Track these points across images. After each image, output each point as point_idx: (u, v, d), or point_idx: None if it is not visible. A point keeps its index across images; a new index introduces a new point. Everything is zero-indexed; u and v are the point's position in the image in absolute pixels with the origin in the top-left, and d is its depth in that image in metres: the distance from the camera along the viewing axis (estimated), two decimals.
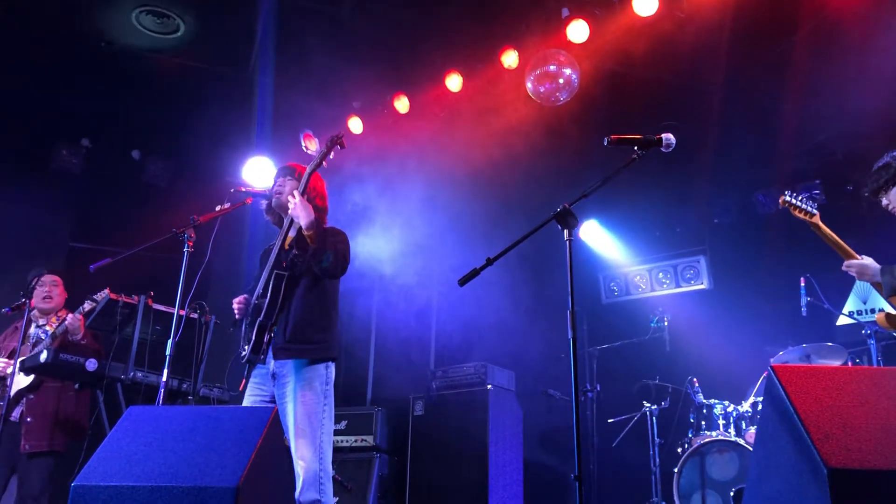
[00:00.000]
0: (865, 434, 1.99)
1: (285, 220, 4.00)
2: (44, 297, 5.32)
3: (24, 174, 7.31)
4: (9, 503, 5.24)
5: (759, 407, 5.75)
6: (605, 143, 3.29)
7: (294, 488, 3.49)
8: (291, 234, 3.92)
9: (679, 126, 6.27)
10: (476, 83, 6.78)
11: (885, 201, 3.79)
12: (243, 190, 4.08)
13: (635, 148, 3.25)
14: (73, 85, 6.79)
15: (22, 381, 5.11)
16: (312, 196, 3.93)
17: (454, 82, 6.79)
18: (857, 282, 6.63)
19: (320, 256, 3.73)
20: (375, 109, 7.25)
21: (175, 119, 7.19)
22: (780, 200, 3.99)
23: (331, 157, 3.84)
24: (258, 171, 7.25)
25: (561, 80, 6.29)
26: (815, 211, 3.94)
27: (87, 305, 5.07)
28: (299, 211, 3.73)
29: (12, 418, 5.13)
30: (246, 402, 3.78)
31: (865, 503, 1.84)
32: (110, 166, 7.66)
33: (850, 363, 5.69)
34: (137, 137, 7.63)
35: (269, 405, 3.73)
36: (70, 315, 5.10)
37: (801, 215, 3.91)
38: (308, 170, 3.87)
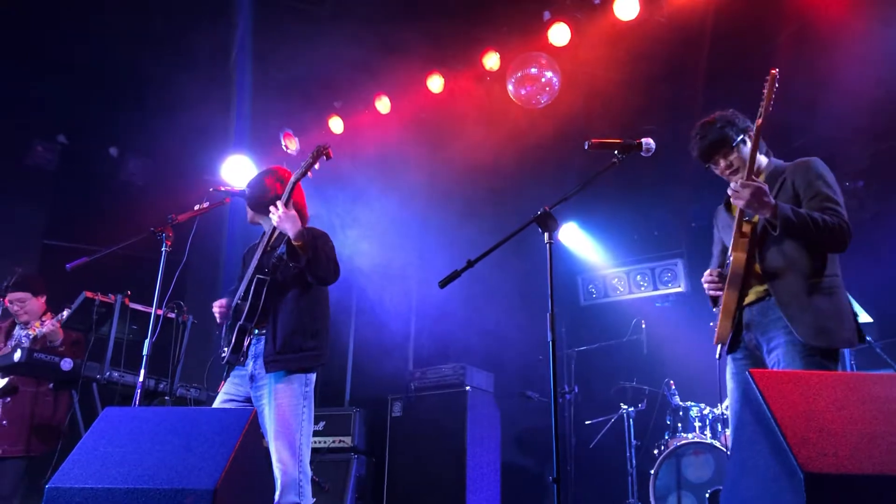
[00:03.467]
0: (842, 439, 2.00)
1: (265, 223, 3.96)
2: (19, 317, 5.28)
3: (2, 169, 7.22)
4: None
5: None
6: (586, 147, 3.31)
7: (272, 491, 3.46)
8: (269, 234, 3.88)
9: (659, 130, 6.32)
10: (457, 85, 6.80)
11: (723, 164, 3.31)
12: (222, 189, 4.04)
13: (615, 152, 3.28)
14: (49, 80, 6.71)
15: None
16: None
17: (436, 83, 6.80)
18: None
19: (315, 265, 3.68)
20: (356, 109, 7.24)
21: (153, 116, 7.13)
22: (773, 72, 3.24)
23: (316, 167, 3.79)
24: (237, 170, 7.21)
25: (542, 83, 6.32)
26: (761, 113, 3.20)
27: (66, 313, 4.99)
28: (285, 223, 3.65)
29: None
30: (218, 402, 3.74)
31: None
32: (87, 163, 7.59)
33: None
34: (115, 134, 7.56)
35: (244, 405, 3.70)
36: (48, 322, 5.03)
37: (764, 101, 3.18)
38: (292, 180, 3.76)
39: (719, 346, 3.31)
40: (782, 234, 3.02)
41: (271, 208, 3.74)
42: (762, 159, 3.37)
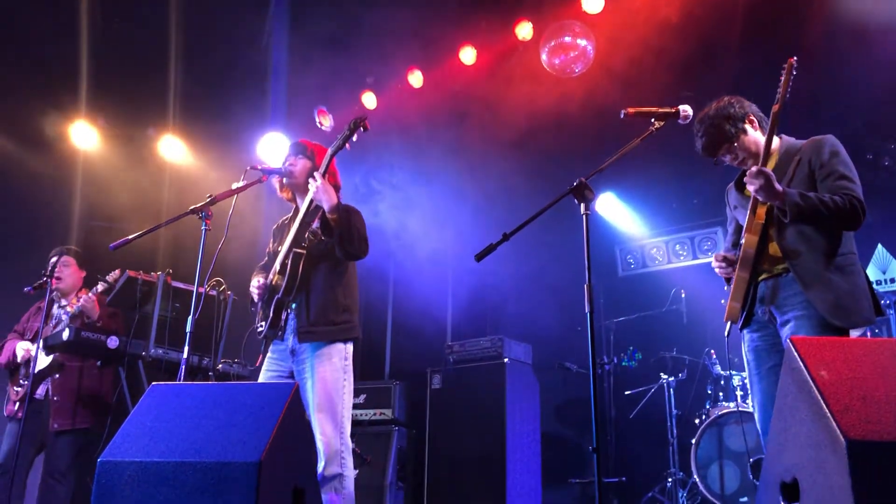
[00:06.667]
0: (885, 406, 1.98)
1: (300, 199, 4.00)
2: (55, 278, 5.39)
3: (41, 152, 7.35)
4: (35, 478, 5.34)
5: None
6: (622, 116, 3.29)
7: (315, 462, 3.53)
8: (304, 208, 3.92)
9: (696, 96, 6.21)
10: (490, 56, 6.75)
11: (728, 157, 3.41)
12: (259, 168, 4.08)
13: (652, 120, 3.25)
14: (89, 64, 6.80)
15: (42, 361, 5.18)
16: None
17: (468, 55, 6.76)
18: (877, 251, 6.58)
19: (346, 241, 3.73)
20: (389, 84, 7.23)
21: (190, 96, 7.20)
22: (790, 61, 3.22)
23: (354, 139, 3.82)
24: (273, 148, 7.27)
25: (576, 52, 6.25)
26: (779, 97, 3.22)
27: (100, 286, 5.13)
28: (322, 195, 3.72)
29: (37, 396, 5.23)
30: (263, 378, 3.82)
31: (885, 475, 1.84)
32: (126, 144, 7.69)
33: (868, 334, 5.66)
34: (153, 115, 7.64)
35: (288, 381, 3.77)
36: (84, 296, 5.16)
37: (781, 89, 3.21)
38: (330, 152, 3.85)
39: (728, 324, 3.34)
40: (793, 220, 3.07)
41: (310, 179, 3.79)
42: (774, 140, 3.36)
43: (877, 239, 6.60)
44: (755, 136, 3.37)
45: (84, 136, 7.45)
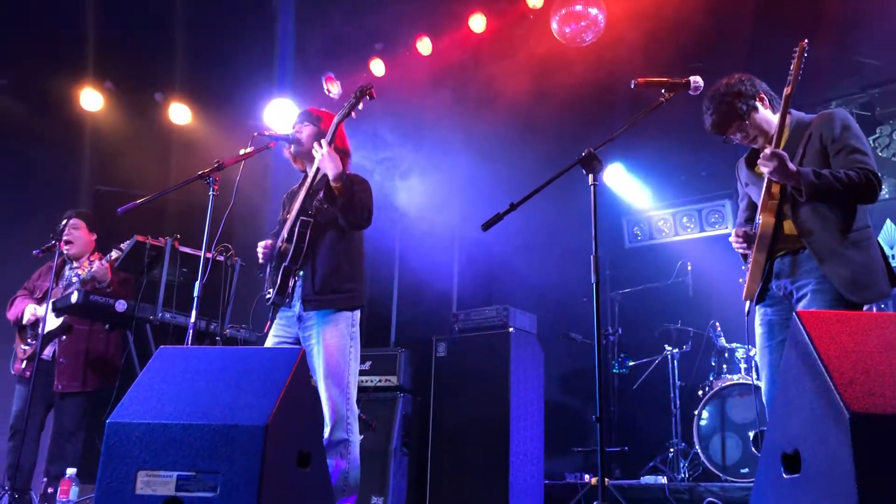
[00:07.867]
0: (889, 379, 1.98)
1: (309, 167, 4.00)
2: (65, 243, 5.41)
3: (50, 117, 7.34)
4: (46, 439, 5.41)
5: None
6: (632, 86, 3.28)
7: (321, 428, 3.56)
8: (311, 176, 3.92)
9: (707, 68, 6.15)
10: (500, 24, 6.68)
11: (739, 136, 3.35)
12: (266, 134, 4.08)
13: (662, 91, 3.24)
14: (96, 28, 6.76)
15: (51, 322, 5.23)
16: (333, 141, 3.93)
17: (478, 23, 6.70)
18: (885, 226, 6.54)
19: (349, 209, 3.74)
20: (398, 51, 7.18)
21: (197, 61, 7.16)
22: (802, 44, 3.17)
23: (360, 107, 3.81)
24: (280, 114, 7.24)
25: (587, 21, 6.19)
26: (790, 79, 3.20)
27: (115, 254, 5.15)
28: (327, 162, 3.72)
29: (44, 357, 5.27)
30: (269, 343, 3.84)
31: (887, 447, 1.85)
32: (133, 109, 7.67)
33: (874, 308, 5.64)
34: (160, 80, 7.61)
35: (293, 347, 3.80)
36: (97, 262, 5.18)
37: (793, 71, 3.17)
38: (335, 120, 3.84)
39: (748, 303, 3.36)
40: (808, 199, 3.08)
41: (315, 146, 3.80)
42: None
43: (887, 214, 6.57)
44: (766, 114, 3.35)
45: (91, 100, 7.44)
